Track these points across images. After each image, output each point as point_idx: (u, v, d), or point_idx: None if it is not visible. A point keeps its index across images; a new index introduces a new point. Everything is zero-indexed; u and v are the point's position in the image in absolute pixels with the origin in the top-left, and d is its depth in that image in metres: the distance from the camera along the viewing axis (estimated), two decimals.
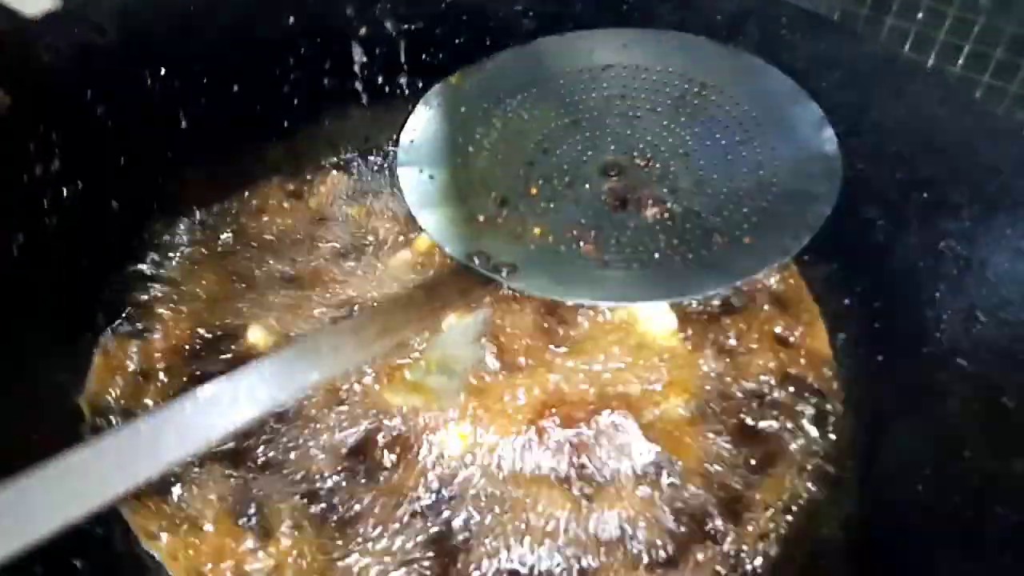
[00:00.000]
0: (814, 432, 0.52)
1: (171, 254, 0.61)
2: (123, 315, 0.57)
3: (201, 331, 0.55)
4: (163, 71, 0.63)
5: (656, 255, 0.57)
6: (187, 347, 0.54)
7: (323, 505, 0.47)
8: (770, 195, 0.59)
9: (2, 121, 0.55)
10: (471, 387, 0.51)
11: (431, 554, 0.45)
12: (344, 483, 0.48)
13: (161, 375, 0.53)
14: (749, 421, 0.52)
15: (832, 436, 0.52)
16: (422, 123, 0.65)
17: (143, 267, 0.60)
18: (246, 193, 0.66)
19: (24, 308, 0.52)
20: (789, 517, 0.47)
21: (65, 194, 0.57)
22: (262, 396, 0.42)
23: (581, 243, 0.58)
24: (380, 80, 0.72)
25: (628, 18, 0.70)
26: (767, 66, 0.65)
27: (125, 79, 0.62)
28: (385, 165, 0.69)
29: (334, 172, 0.69)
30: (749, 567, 0.46)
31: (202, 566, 0.44)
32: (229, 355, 0.54)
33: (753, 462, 0.50)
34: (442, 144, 0.64)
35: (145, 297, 0.58)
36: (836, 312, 0.58)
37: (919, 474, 0.45)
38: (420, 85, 0.68)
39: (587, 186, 0.62)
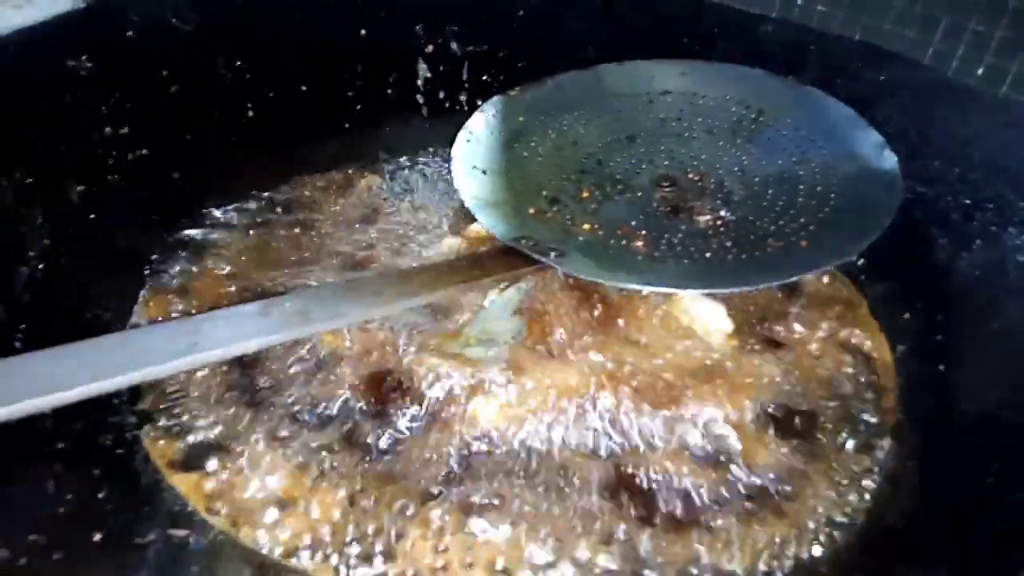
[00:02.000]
0: (872, 436, 0.49)
1: (223, 226, 0.62)
2: (171, 272, 0.57)
3: (242, 292, 0.55)
4: (236, 62, 0.66)
5: (708, 254, 0.56)
6: (227, 304, 0.53)
7: (347, 456, 0.45)
8: (827, 207, 0.58)
9: (79, 83, 0.58)
10: (512, 360, 0.50)
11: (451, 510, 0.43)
12: (371, 437, 0.46)
13: None
14: (803, 423, 0.49)
15: (891, 439, 0.48)
16: (479, 126, 0.66)
17: (195, 233, 0.60)
18: (302, 181, 0.67)
19: (77, 248, 0.53)
20: (845, 514, 0.44)
21: (129, 157, 0.59)
22: (300, 320, 0.42)
23: (631, 241, 0.57)
24: (441, 95, 0.74)
25: (688, 52, 0.71)
26: (825, 95, 0.65)
27: (200, 64, 0.65)
28: (440, 169, 0.70)
29: (389, 170, 0.70)
30: (805, 556, 0.42)
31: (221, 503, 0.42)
32: None
33: (807, 461, 0.47)
34: (497, 146, 0.65)
35: (195, 259, 0.58)
36: (896, 326, 0.56)
37: (983, 475, 0.42)
38: (479, 103, 0.69)
39: (640, 194, 0.62)
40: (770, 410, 0.50)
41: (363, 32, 0.71)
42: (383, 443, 0.46)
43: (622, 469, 0.46)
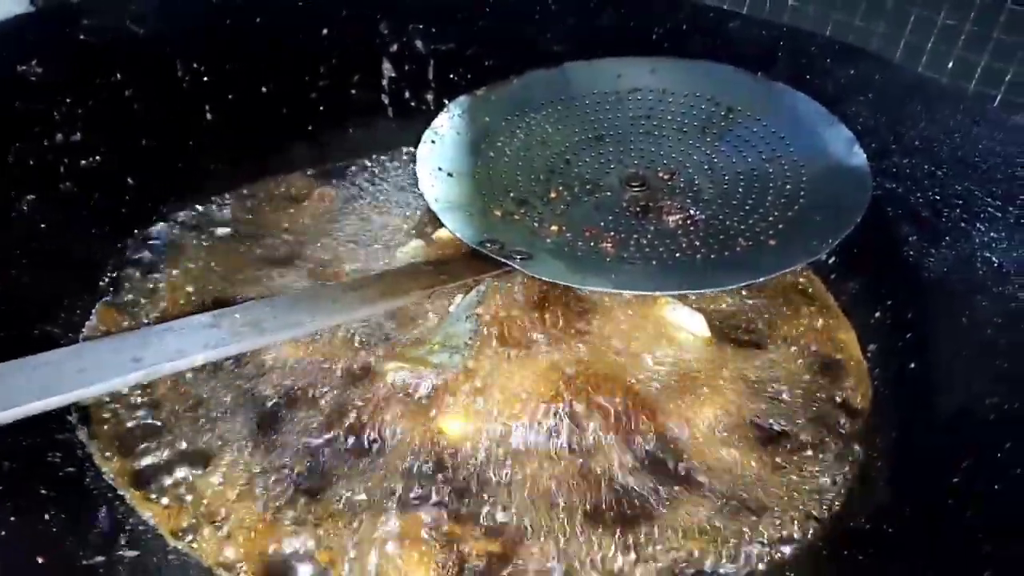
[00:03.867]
0: (844, 435, 0.48)
1: (181, 234, 0.60)
2: (126, 283, 0.55)
3: (203, 301, 0.53)
4: (194, 65, 0.65)
5: (677, 254, 0.55)
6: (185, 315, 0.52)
7: (308, 471, 0.44)
8: (797, 205, 0.57)
9: (29, 88, 0.56)
10: (477, 366, 0.48)
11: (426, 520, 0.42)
12: (333, 452, 0.45)
13: None
14: (777, 423, 0.49)
15: (862, 438, 0.48)
16: (445, 127, 0.65)
17: (152, 242, 0.59)
18: (264, 185, 0.66)
19: (28, 260, 0.51)
20: (814, 513, 0.44)
21: (82, 164, 0.57)
22: (252, 331, 0.40)
23: (599, 242, 0.56)
24: (407, 95, 0.73)
25: (658, 48, 0.70)
26: (795, 92, 0.64)
27: (156, 67, 0.63)
28: (406, 171, 0.69)
29: (353, 172, 0.68)
30: (776, 556, 0.41)
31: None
32: None
33: (779, 462, 0.46)
34: (463, 147, 0.64)
35: (152, 267, 0.56)
36: (866, 324, 0.55)
37: (955, 471, 0.42)
38: (446, 102, 0.68)
39: (608, 194, 0.61)
40: (742, 413, 0.49)
41: (325, 31, 0.70)
42: (345, 457, 0.45)
43: (588, 475, 0.45)
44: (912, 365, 0.50)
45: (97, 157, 0.58)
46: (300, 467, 0.44)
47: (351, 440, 0.46)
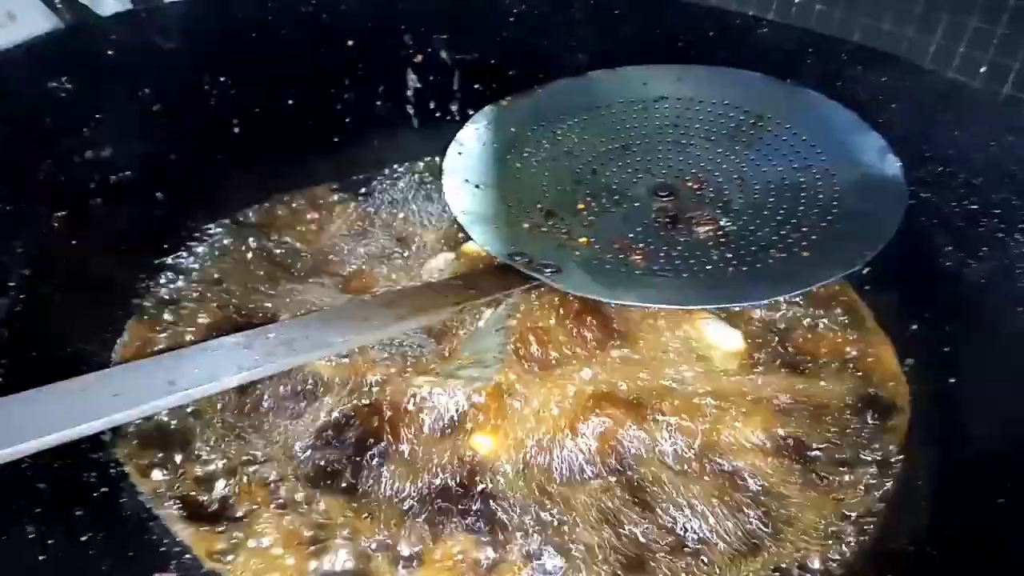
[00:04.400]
0: (883, 452, 0.48)
1: (211, 248, 0.60)
2: (158, 297, 0.56)
3: (232, 317, 0.53)
4: (221, 79, 0.65)
5: (708, 267, 0.54)
6: (216, 331, 0.52)
7: (341, 490, 0.44)
8: (830, 216, 0.56)
9: (60, 104, 0.56)
10: (507, 382, 0.48)
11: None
12: (365, 470, 0.45)
13: None
14: (814, 441, 0.48)
15: (901, 455, 0.47)
16: (470, 138, 0.64)
17: (183, 255, 0.59)
18: (291, 198, 0.66)
19: (60, 277, 0.51)
20: (854, 534, 0.43)
21: (112, 180, 0.58)
22: (285, 351, 0.40)
23: (628, 254, 0.56)
24: (432, 105, 0.73)
25: (684, 55, 0.69)
26: (825, 99, 0.63)
27: (183, 82, 0.63)
28: (431, 182, 0.69)
29: (379, 185, 0.68)
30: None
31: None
32: None
33: (816, 479, 0.46)
34: (489, 159, 0.63)
35: (182, 282, 0.57)
36: (903, 337, 0.55)
37: (995, 488, 0.41)
38: (471, 113, 0.68)
39: (636, 205, 0.61)
40: (779, 431, 0.48)
41: (350, 43, 0.70)
42: (375, 474, 0.45)
43: (621, 493, 0.44)
44: (951, 380, 0.49)
45: (126, 172, 0.58)
46: (334, 486, 0.44)
47: (382, 457, 0.46)
